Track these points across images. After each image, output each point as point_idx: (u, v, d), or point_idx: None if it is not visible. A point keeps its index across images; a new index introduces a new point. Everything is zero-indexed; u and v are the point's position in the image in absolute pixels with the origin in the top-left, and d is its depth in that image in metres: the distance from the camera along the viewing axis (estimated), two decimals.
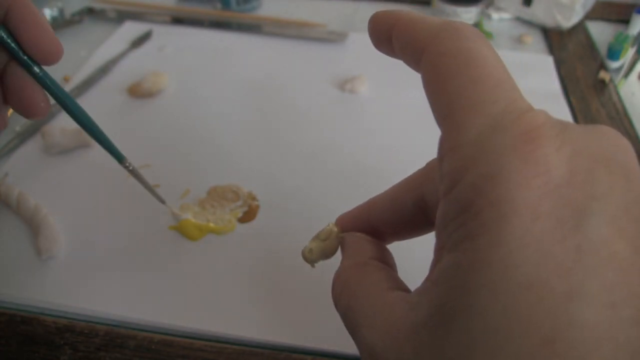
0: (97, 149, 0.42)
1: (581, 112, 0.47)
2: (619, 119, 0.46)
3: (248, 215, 0.37)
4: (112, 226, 0.36)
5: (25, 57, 0.21)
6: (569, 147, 0.12)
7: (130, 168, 0.29)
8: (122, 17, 0.61)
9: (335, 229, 0.21)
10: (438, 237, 0.14)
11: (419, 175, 0.20)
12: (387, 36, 0.17)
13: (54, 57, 0.22)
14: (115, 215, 0.37)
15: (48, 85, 0.23)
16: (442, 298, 0.13)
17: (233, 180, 0.39)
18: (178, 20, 0.61)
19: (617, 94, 0.49)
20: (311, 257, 0.21)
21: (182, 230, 0.35)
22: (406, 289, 0.17)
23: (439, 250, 0.14)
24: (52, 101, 0.24)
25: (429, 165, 0.20)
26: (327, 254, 0.21)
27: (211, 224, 0.36)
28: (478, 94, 0.13)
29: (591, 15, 0.62)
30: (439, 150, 0.14)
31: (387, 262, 0.19)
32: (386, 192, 0.21)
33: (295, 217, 0.36)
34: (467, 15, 0.59)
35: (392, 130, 0.45)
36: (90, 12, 0.61)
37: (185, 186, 0.39)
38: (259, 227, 0.36)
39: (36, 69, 0.22)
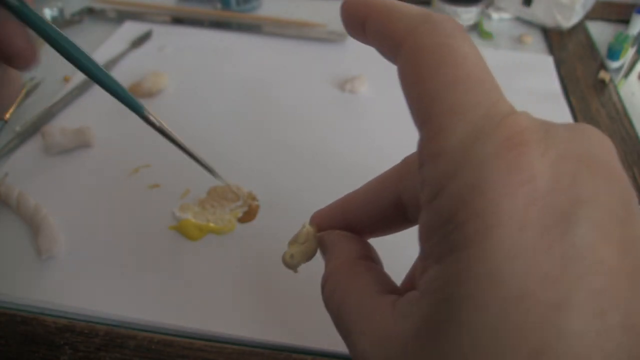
0: (97, 149, 0.42)
1: (581, 112, 0.47)
2: (619, 119, 0.46)
3: (248, 215, 0.37)
4: (112, 226, 0.36)
5: None
6: (553, 151, 0.12)
7: (151, 119, 0.26)
8: (122, 17, 0.61)
9: (312, 230, 0.21)
10: (422, 247, 0.14)
11: (395, 172, 0.19)
12: (360, 24, 0.16)
13: None
14: (115, 215, 0.37)
15: (31, 20, 0.20)
16: (430, 311, 0.12)
17: (233, 180, 0.39)
18: (178, 20, 0.61)
19: (617, 94, 0.49)
20: (293, 262, 0.21)
21: (182, 230, 0.35)
22: (395, 289, 0.17)
23: (425, 259, 0.13)
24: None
25: (406, 160, 0.19)
26: (309, 256, 0.21)
27: (211, 224, 0.36)
28: (458, 97, 0.13)
29: (591, 15, 0.62)
30: (418, 155, 0.14)
31: (372, 259, 0.19)
32: (361, 188, 0.20)
33: (295, 217, 0.36)
34: (467, 15, 0.59)
35: (392, 130, 0.44)
36: (90, 12, 0.61)
37: (185, 186, 0.39)
38: (259, 227, 0.36)
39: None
